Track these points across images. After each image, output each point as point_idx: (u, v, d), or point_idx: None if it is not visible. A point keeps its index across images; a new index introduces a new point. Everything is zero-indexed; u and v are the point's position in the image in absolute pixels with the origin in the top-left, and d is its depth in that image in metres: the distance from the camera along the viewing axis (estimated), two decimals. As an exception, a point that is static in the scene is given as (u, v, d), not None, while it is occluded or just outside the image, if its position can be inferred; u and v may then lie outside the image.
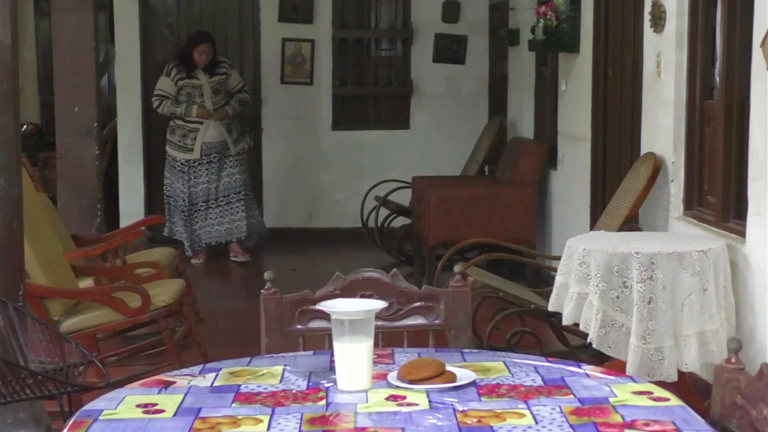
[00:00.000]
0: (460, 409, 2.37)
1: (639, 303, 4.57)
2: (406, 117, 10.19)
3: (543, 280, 7.65)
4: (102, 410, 2.40)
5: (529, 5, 8.14)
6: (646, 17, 5.82)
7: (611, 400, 2.42)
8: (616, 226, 5.73)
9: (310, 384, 2.58)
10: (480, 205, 7.96)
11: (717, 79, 5.24)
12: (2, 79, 4.42)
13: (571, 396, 2.45)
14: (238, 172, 8.86)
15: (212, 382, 2.60)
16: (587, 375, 2.62)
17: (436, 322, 3.11)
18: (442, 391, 2.49)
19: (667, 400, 2.42)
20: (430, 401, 2.43)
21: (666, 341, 4.56)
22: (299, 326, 3.07)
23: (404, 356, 2.79)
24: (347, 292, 3.04)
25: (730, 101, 5.04)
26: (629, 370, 4.49)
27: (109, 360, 5.64)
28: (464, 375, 2.57)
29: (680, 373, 4.64)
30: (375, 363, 2.61)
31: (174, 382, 2.60)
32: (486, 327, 5.73)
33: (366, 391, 2.51)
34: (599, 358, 5.10)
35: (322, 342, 3.01)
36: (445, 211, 7.94)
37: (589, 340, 4.69)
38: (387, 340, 3.06)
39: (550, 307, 5.04)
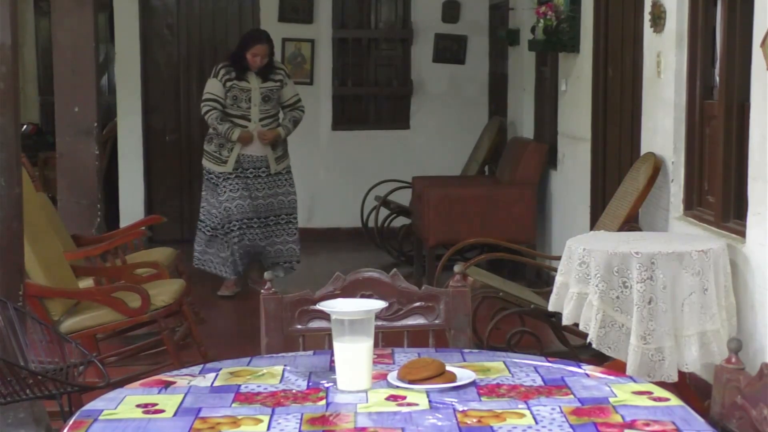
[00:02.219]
0: (460, 409, 2.37)
1: (639, 303, 4.56)
2: (406, 117, 10.19)
3: (543, 280, 7.65)
4: (102, 410, 2.40)
5: (529, 5, 8.14)
6: (646, 17, 5.82)
7: (611, 400, 2.42)
8: (616, 226, 5.72)
9: (310, 384, 2.58)
10: (480, 205, 7.96)
11: (717, 79, 5.24)
12: (2, 79, 4.42)
13: (571, 396, 2.45)
14: (286, 193, 7.72)
15: (212, 382, 2.60)
16: (587, 375, 2.62)
17: (436, 322, 3.11)
18: (442, 391, 2.49)
19: (667, 400, 2.42)
20: (430, 401, 2.43)
21: (666, 341, 4.56)
22: (299, 326, 3.07)
23: (404, 356, 2.79)
24: (347, 292, 3.04)
25: (730, 101, 5.04)
26: (629, 370, 4.49)
27: (109, 360, 5.63)
28: (464, 375, 2.57)
29: (680, 373, 4.64)
30: (375, 363, 2.61)
31: (174, 382, 2.60)
32: (486, 327, 5.73)
33: (366, 391, 2.51)
34: (599, 358, 5.10)
35: (322, 342, 3.01)
36: (445, 211, 7.94)
37: (588, 340, 4.69)
38: (387, 340, 3.06)
39: (550, 307, 5.04)
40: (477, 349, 2.96)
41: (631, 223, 5.72)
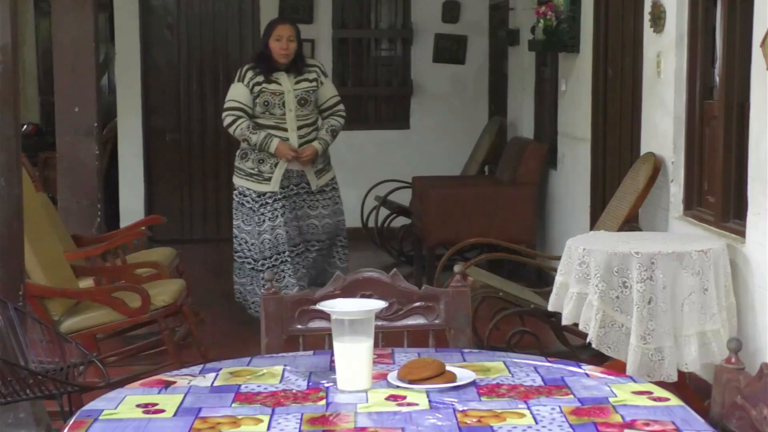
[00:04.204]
0: (460, 409, 2.37)
1: (639, 303, 4.57)
2: (406, 117, 10.19)
3: (543, 280, 7.65)
4: (102, 410, 2.40)
5: (529, 5, 8.15)
6: (646, 17, 5.82)
7: (611, 400, 2.42)
8: (616, 226, 5.73)
9: (310, 384, 2.58)
10: (480, 205, 7.96)
11: (717, 79, 5.24)
12: (2, 79, 4.42)
13: (571, 396, 2.46)
14: (334, 213, 6.71)
15: (212, 382, 2.60)
16: (587, 375, 2.62)
17: (436, 322, 3.11)
18: (442, 391, 2.49)
19: (667, 400, 2.42)
20: (430, 401, 2.43)
21: (666, 341, 4.57)
22: (299, 326, 3.07)
23: (404, 356, 2.79)
24: (347, 292, 3.04)
25: (730, 101, 5.04)
26: (629, 370, 4.49)
27: (109, 360, 5.64)
28: (464, 375, 2.57)
29: (680, 373, 4.64)
30: (375, 363, 2.61)
31: (174, 382, 2.60)
32: (486, 327, 5.73)
33: (366, 391, 2.51)
34: (599, 358, 5.10)
35: (322, 342, 3.01)
36: (445, 211, 7.94)
37: (588, 340, 4.69)
38: (387, 340, 3.06)
39: (550, 307, 5.04)
40: (477, 349, 2.96)
41: (631, 223, 5.72)
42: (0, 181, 4.42)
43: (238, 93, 6.46)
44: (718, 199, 5.15)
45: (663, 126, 5.70)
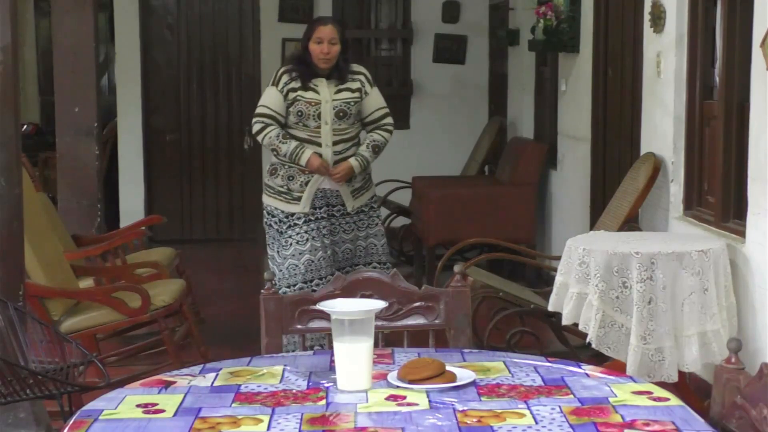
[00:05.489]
0: (460, 409, 2.37)
1: (639, 303, 4.57)
2: (406, 117, 10.19)
3: (543, 280, 7.65)
4: (102, 410, 2.40)
5: (529, 5, 8.14)
6: (646, 17, 5.82)
7: (611, 400, 2.42)
8: (616, 226, 5.73)
9: (310, 384, 2.58)
10: (480, 205, 7.96)
11: (717, 79, 5.24)
12: (2, 79, 4.42)
13: (571, 396, 2.46)
14: (373, 235, 5.80)
15: (212, 382, 2.60)
16: (587, 375, 2.62)
17: (436, 322, 3.11)
18: (442, 391, 2.49)
19: (667, 400, 2.42)
20: (430, 401, 2.43)
21: (666, 341, 4.56)
22: (299, 326, 3.07)
23: (404, 356, 2.79)
24: (347, 292, 3.04)
25: (730, 101, 5.04)
26: (629, 370, 4.49)
27: (109, 360, 5.64)
28: (464, 375, 2.57)
29: (680, 373, 4.64)
30: (375, 363, 2.61)
31: (174, 382, 2.60)
32: (486, 327, 5.73)
33: (366, 391, 2.51)
34: (599, 358, 5.10)
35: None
36: (445, 211, 7.95)
37: (588, 340, 4.69)
38: (387, 340, 3.06)
39: (550, 307, 5.04)
40: (477, 349, 2.96)
41: (631, 223, 5.72)
42: (0, 181, 4.42)
43: (270, 99, 5.64)
44: (718, 199, 5.15)
45: (663, 126, 5.70)
